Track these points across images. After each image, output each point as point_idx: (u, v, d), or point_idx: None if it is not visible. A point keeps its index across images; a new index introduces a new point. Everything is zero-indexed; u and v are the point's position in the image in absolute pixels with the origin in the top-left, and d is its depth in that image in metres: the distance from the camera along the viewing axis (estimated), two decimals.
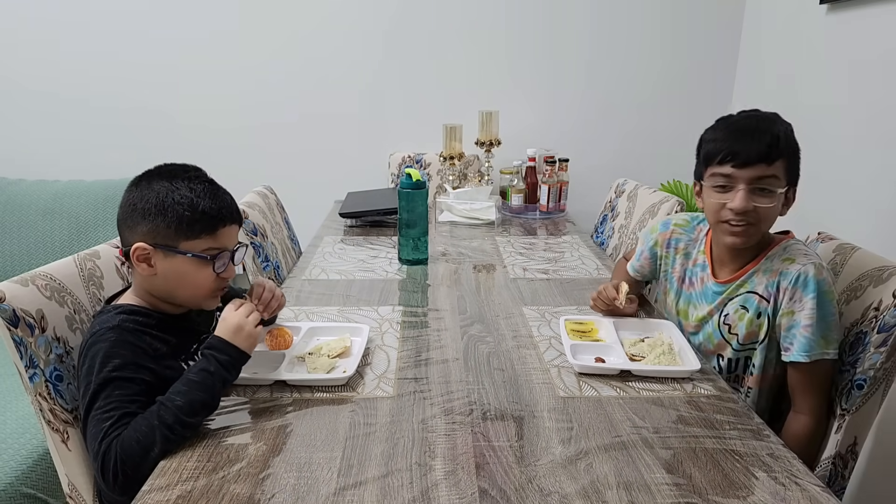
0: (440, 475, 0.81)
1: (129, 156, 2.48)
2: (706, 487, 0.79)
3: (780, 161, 1.07)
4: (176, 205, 0.96)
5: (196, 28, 2.37)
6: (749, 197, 1.09)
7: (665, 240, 1.33)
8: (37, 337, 0.93)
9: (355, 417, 0.94)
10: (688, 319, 1.26)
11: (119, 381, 0.89)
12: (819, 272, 1.07)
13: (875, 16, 1.71)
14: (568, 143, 2.51)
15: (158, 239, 0.96)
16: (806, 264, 1.08)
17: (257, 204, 1.80)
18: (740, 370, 1.18)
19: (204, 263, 0.98)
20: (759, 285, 1.14)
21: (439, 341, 1.20)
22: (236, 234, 1.05)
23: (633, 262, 1.39)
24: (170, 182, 0.99)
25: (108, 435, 0.85)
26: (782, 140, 1.07)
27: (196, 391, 0.88)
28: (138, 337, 0.96)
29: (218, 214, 0.99)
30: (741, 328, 1.15)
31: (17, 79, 2.40)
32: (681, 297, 1.29)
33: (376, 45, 2.42)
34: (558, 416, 0.94)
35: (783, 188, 1.09)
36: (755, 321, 1.14)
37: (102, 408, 0.87)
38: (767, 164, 1.07)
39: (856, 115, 1.77)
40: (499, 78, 2.48)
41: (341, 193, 2.49)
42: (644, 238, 1.38)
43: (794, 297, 1.08)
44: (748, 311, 1.14)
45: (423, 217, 1.62)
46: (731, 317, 1.17)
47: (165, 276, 0.98)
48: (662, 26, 2.42)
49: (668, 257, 1.33)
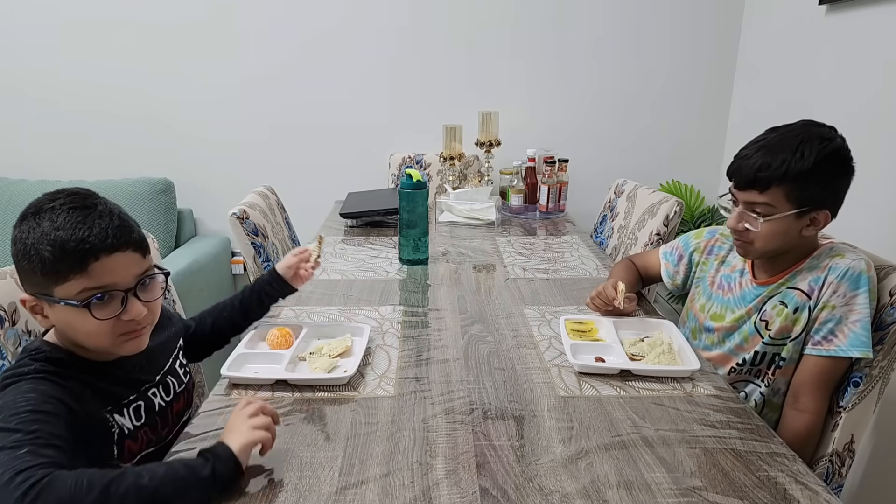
0: (441, 474, 0.81)
1: (131, 157, 2.50)
2: (706, 487, 0.79)
3: (777, 188, 1.06)
4: (37, 244, 0.78)
5: (197, 29, 2.38)
6: (741, 218, 1.11)
7: (708, 246, 1.33)
8: (6, 329, 0.94)
9: (356, 417, 0.94)
10: (722, 321, 1.23)
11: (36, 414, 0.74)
12: (869, 269, 1.07)
13: (875, 16, 1.71)
14: (568, 143, 2.52)
15: (35, 287, 0.81)
16: (857, 259, 1.07)
17: (258, 204, 1.80)
18: (764, 364, 1.16)
19: (80, 311, 0.79)
20: (801, 281, 1.12)
21: (440, 341, 1.20)
22: (132, 263, 0.83)
23: (669, 269, 1.38)
24: (34, 218, 0.80)
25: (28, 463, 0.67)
26: (777, 168, 1.04)
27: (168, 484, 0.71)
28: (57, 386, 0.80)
29: (82, 246, 0.78)
30: (776, 323, 1.14)
31: (19, 80, 2.40)
32: (714, 301, 1.27)
33: (376, 46, 2.42)
34: (559, 416, 0.95)
35: (782, 214, 1.07)
36: (791, 316, 1.12)
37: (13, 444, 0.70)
38: (759, 192, 1.07)
39: (856, 114, 1.78)
40: (499, 78, 2.48)
41: (342, 194, 2.49)
42: (684, 244, 1.37)
43: (839, 291, 1.06)
44: (786, 307, 1.13)
45: (423, 217, 1.63)
46: (768, 313, 1.15)
47: (60, 326, 0.84)
48: (662, 26, 2.43)
49: (705, 263, 1.33)
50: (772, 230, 1.08)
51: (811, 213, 1.08)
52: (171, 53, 2.40)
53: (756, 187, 1.07)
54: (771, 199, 1.06)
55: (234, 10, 2.36)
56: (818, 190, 1.06)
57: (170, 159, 2.49)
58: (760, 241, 1.10)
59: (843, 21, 1.85)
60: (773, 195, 1.06)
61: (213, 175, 2.54)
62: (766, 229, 1.08)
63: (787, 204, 1.06)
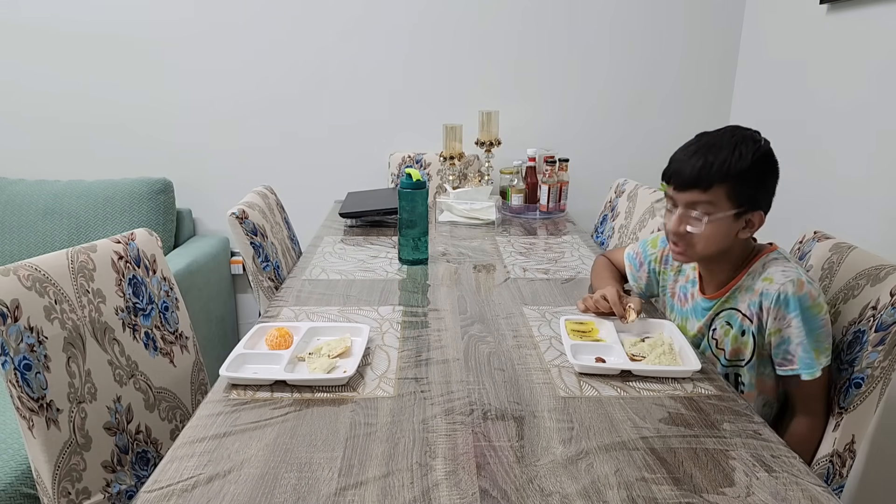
0: (441, 475, 0.81)
1: (130, 157, 2.49)
2: (706, 487, 0.79)
3: (718, 187, 1.06)
4: None
5: (197, 26, 2.37)
6: (683, 220, 1.11)
7: (664, 256, 1.34)
8: (9, 326, 0.94)
9: (356, 417, 0.94)
10: (686, 334, 1.25)
11: None
12: (798, 288, 1.06)
13: (875, 16, 1.71)
14: (568, 143, 2.52)
15: None
16: (784, 283, 1.06)
17: (257, 204, 1.80)
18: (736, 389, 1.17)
19: None
20: (741, 303, 1.14)
21: (440, 341, 1.20)
22: None
23: (634, 273, 1.40)
24: None
25: None
26: (718, 167, 1.06)
27: None
28: None
29: None
30: (727, 344, 1.16)
31: (17, 78, 2.40)
32: (676, 313, 1.31)
33: (376, 45, 2.42)
34: (559, 416, 0.94)
35: (723, 214, 1.08)
36: (739, 338, 1.14)
37: None
38: (701, 191, 1.07)
39: (856, 114, 1.78)
40: (499, 78, 2.48)
41: (341, 193, 2.49)
42: (643, 251, 1.39)
43: (779, 316, 1.07)
44: (732, 328, 1.15)
45: (423, 217, 1.62)
46: (717, 332, 1.19)
47: None
48: (662, 26, 2.42)
49: (664, 273, 1.35)
50: (713, 231, 1.09)
51: (747, 215, 1.09)
52: (171, 53, 2.40)
53: (699, 186, 1.07)
54: (713, 197, 1.07)
55: (234, 11, 2.36)
56: (754, 189, 1.08)
57: (169, 159, 2.49)
58: (702, 242, 1.11)
59: (844, 21, 1.84)
60: (714, 193, 1.07)
61: (212, 175, 2.53)
62: (708, 230, 1.09)
63: (727, 202, 1.08)
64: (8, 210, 2.27)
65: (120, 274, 1.18)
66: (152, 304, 1.25)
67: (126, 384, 1.13)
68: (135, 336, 1.18)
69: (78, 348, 1.05)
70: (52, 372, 0.98)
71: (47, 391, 0.97)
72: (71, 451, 0.99)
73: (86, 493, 1.00)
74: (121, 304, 1.17)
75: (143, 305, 1.23)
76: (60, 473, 0.97)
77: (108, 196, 2.24)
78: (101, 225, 2.23)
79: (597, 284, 1.40)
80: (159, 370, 1.23)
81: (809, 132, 1.99)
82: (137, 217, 2.24)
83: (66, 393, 1.00)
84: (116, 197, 2.25)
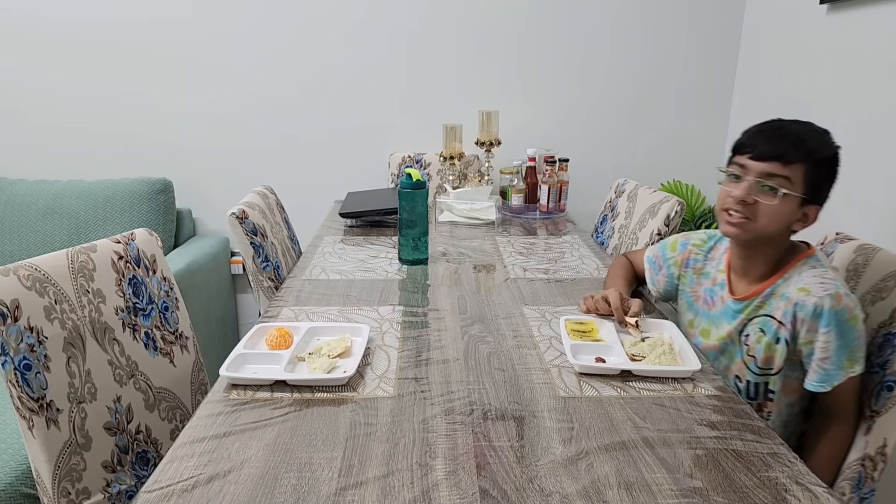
0: (441, 475, 0.81)
1: (130, 157, 2.50)
2: (707, 487, 0.79)
3: (799, 165, 1.05)
4: None
5: (198, 27, 2.37)
6: (753, 189, 1.08)
7: (683, 260, 1.33)
8: (9, 326, 0.94)
9: (356, 417, 0.94)
10: (709, 339, 1.24)
11: None
12: (836, 302, 1.03)
13: (875, 16, 1.71)
14: (568, 143, 2.52)
15: None
16: (822, 296, 1.04)
17: (257, 204, 1.80)
18: (761, 397, 1.16)
19: None
20: (776, 310, 1.12)
21: (440, 341, 1.20)
22: None
23: (653, 276, 1.39)
24: None
25: None
26: (807, 147, 1.05)
27: None
28: None
29: None
30: (759, 351, 1.14)
31: (18, 79, 2.40)
32: (702, 317, 1.27)
33: (376, 45, 2.42)
34: (559, 416, 0.94)
35: (796, 194, 1.06)
36: (773, 346, 1.12)
37: None
38: (783, 164, 1.05)
39: (856, 114, 1.78)
40: (499, 78, 2.48)
41: (341, 193, 2.49)
42: (661, 254, 1.37)
43: (812, 328, 1.06)
44: (766, 335, 1.13)
45: (423, 217, 1.62)
46: (750, 338, 1.15)
47: None
48: (662, 26, 2.43)
49: (684, 276, 1.32)
50: (780, 209, 1.07)
51: (809, 206, 1.09)
52: (171, 53, 2.40)
53: (782, 159, 1.05)
54: (791, 173, 1.05)
55: (235, 11, 2.36)
56: (824, 181, 1.08)
57: (169, 159, 2.49)
58: (765, 218, 1.08)
59: (844, 20, 1.84)
60: (793, 170, 1.05)
61: (213, 175, 2.54)
62: (777, 206, 1.07)
63: (801, 184, 1.06)
64: (8, 210, 2.27)
65: (120, 274, 1.18)
66: (152, 304, 1.25)
67: (126, 384, 1.13)
68: (135, 336, 1.19)
69: (78, 348, 1.05)
70: (52, 372, 0.98)
71: (47, 391, 0.97)
72: (71, 451, 0.99)
73: (86, 493, 1.00)
74: (121, 304, 1.17)
75: (143, 305, 1.23)
76: (60, 473, 0.97)
77: (108, 196, 2.24)
78: (101, 225, 2.23)
79: (607, 284, 1.41)
80: (159, 370, 1.23)
81: None
82: (137, 217, 2.24)
83: (66, 393, 1.00)
84: (116, 197, 2.25)
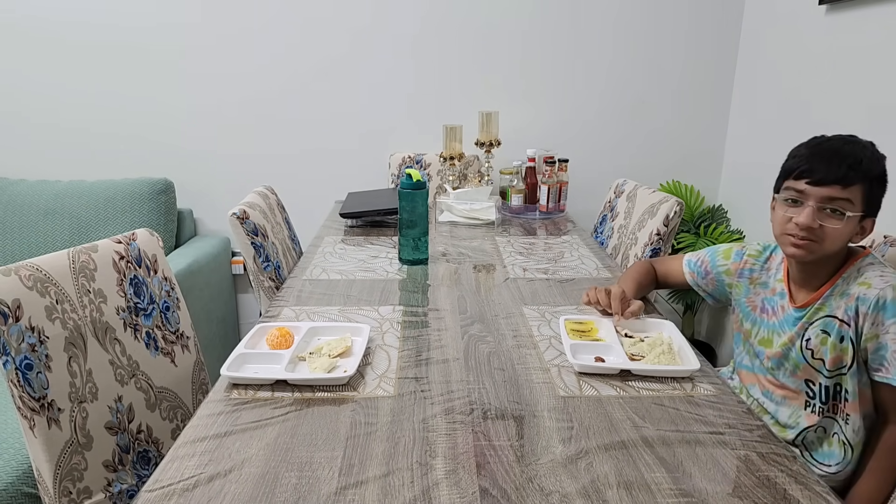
0: (441, 474, 0.81)
1: (131, 157, 2.50)
2: (706, 487, 0.79)
3: (857, 186, 1.05)
4: None
5: (199, 28, 2.38)
6: (816, 215, 1.08)
7: (738, 270, 1.32)
8: (10, 325, 0.94)
9: (356, 417, 0.94)
10: (771, 347, 1.23)
11: None
12: None
13: (875, 16, 1.71)
14: (568, 143, 2.52)
15: None
16: (883, 287, 1.05)
17: (258, 204, 1.80)
18: (839, 399, 1.15)
19: None
20: (837, 309, 1.11)
21: (440, 341, 1.20)
22: None
23: (698, 280, 1.38)
24: None
25: None
26: (864, 165, 1.05)
27: None
28: None
29: None
30: (825, 353, 1.13)
31: (19, 79, 2.41)
32: (761, 327, 1.26)
33: (376, 46, 2.43)
34: (558, 416, 0.95)
35: (856, 213, 1.07)
36: (839, 346, 1.11)
37: None
38: (842, 187, 1.05)
39: (856, 115, 1.78)
40: (499, 79, 2.48)
41: (342, 193, 2.50)
42: (711, 260, 1.36)
43: (876, 321, 1.06)
44: (830, 336, 1.12)
45: (423, 217, 1.63)
46: (812, 342, 1.14)
47: None
48: (662, 26, 2.43)
49: (738, 286, 1.32)
50: (844, 230, 1.07)
51: (866, 220, 1.09)
52: (172, 53, 2.40)
53: (842, 182, 1.05)
54: (851, 195, 1.06)
55: (235, 12, 2.37)
56: (879, 194, 1.08)
57: (170, 159, 2.50)
58: (829, 241, 1.08)
59: (843, 21, 1.85)
60: (853, 192, 1.06)
61: (213, 175, 2.54)
62: (842, 228, 1.07)
63: (860, 203, 1.07)
64: (9, 210, 2.27)
65: (121, 274, 1.18)
66: (153, 303, 1.26)
67: (127, 384, 1.14)
68: (136, 336, 1.19)
69: (79, 348, 1.05)
70: (53, 371, 0.99)
71: (48, 391, 0.97)
72: (72, 450, 0.99)
73: (87, 493, 1.00)
74: (122, 303, 1.17)
75: (144, 305, 1.23)
76: (62, 473, 0.97)
77: (109, 196, 2.25)
78: (103, 225, 2.24)
79: (619, 281, 1.41)
80: (160, 370, 1.23)
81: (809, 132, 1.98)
82: (138, 217, 2.24)
83: (67, 392, 1.00)
84: (117, 197, 2.25)
